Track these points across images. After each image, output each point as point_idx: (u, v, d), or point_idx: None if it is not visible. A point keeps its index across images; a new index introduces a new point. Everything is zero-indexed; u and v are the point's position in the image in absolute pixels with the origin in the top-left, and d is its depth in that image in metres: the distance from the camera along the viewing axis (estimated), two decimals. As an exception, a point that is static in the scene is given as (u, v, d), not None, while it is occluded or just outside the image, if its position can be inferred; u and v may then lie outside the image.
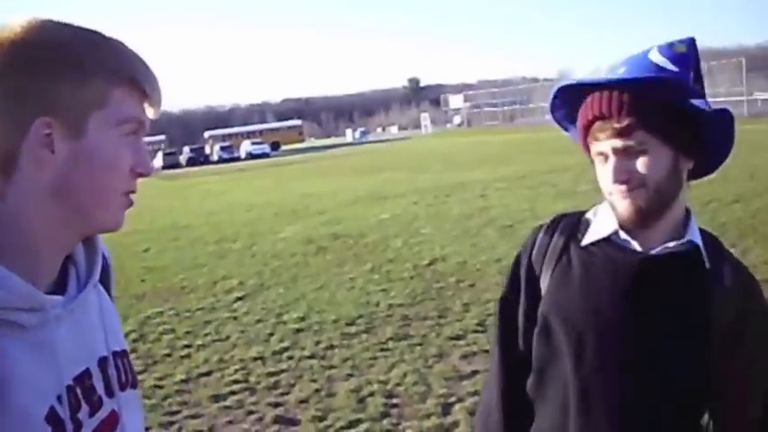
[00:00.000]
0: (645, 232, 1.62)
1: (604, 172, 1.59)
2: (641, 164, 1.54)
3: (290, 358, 6.73)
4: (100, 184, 1.16)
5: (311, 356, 6.70)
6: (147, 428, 5.41)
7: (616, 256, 1.65)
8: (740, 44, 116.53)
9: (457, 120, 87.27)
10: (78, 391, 1.21)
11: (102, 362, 1.29)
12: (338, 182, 26.66)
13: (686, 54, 1.60)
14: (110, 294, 1.42)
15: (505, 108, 76.06)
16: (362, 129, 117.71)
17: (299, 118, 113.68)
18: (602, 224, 1.69)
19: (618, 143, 1.55)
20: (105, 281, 1.39)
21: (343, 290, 9.25)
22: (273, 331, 7.70)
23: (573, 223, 1.77)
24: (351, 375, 6.09)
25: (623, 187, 1.56)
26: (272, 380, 6.19)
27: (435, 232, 12.89)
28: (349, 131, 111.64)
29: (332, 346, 6.95)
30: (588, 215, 1.77)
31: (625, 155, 1.55)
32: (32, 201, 1.12)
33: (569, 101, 1.68)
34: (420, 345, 6.71)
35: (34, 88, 1.09)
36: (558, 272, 1.72)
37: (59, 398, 1.16)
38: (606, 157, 1.58)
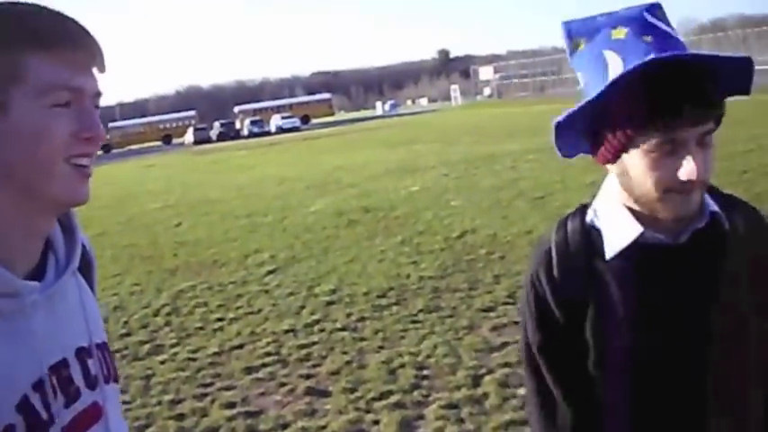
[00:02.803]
0: (670, 223, 1.48)
1: (666, 165, 1.37)
2: (708, 156, 1.39)
3: (322, 330, 6.78)
4: (34, 157, 1.09)
5: (342, 329, 6.75)
6: (179, 401, 5.49)
7: (651, 258, 1.50)
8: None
9: (487, 91, 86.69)
10: (54, 380, 1.17)
11: (81, 352, 1.25)
12: (368, 155, 26.66)
13: (667, 20, 1.46)
14: (92, 288, 1.40)
15: (536, 79, 75.38)
16: (392, 101, 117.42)
17: (328, 91, 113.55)
18: (620, 230, 1.51)
19: (703, 129, 1.36)
20: (88, 275, 1.37)
21: (374, 262, 9.28)
22: (305, 304, 7.75)
23: (582, 236, 1.57)
24: (382, 347, 6.13)
25: (689, 186, 1.38)
26: (304, 352, 6.24)
27: (465, 204, 12.86)
28: (379, 104, 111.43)
29: (363, 319, 6.98)
30: (591, 221, 1.57)
31: (700, 144, 1.37)
32: None
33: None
34: (450, 317, 6.72)
35: None
36: (599, 295, 1.53)
37: (33, 386, 1.12)
38: (675, 148, 1.36)
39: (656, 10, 1.44)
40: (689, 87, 1.32)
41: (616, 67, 1.38)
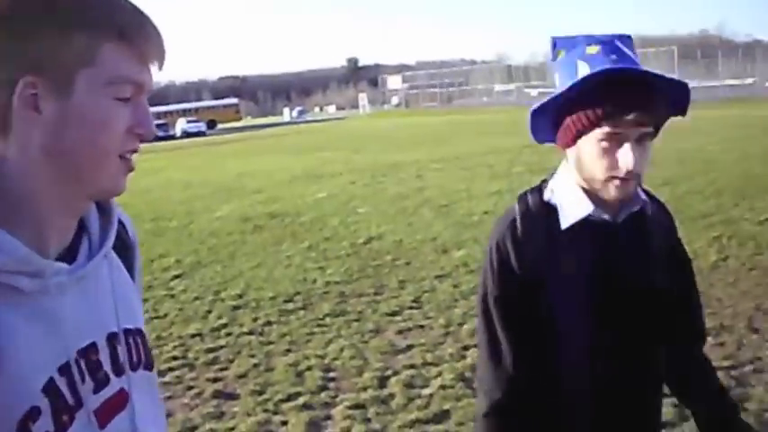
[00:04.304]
0: (611, 204, 1.83)
1: (610, 155, 1.71)
2: (645, 154, 1.73)
3: (229, 335, 6.79)
4: (92, 146, 1.09)
5: (249, 332, 6.77)
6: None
7: (597, 230, 1.83)
8: (672, 32, 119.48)
9: (395, 100, 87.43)
10: (82, 364, 1.14)
11: (112, 337, 1.22)
12: (275, 161, 26.58)
13: (634, 49, 1.80)
14: (132, 273, 1.37)
15: (443, 89, 76.48)
16: (300, 108, 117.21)
17: (235, 96, 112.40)
18: (575, 206, 1.83)
19: (643, 130, 1.70)
20: (129, 258, 1.36)
21: (281, 267, 9.32)
22: (211, 308, 7.73)
23: (542, 210, 1.87)
24: (289, 351, 6.19)
25: (627, 175, 1.71)
26: (211, 356, 6.24)
27: (372, 211, 13.02)
28: (286, 110, 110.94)
29: (269, 323, 7.03)
30: (549, 198, 1.88)
31: (639, 142, 1.71)
32: (28, 161, 1.07)
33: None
34: (357, 321, 6.85)
35: (15, 46, 1.03)
36: (556, 258, 1.82)
37: (60, 369, 1.11)
38: (619, 142, 1.70)
39: (626, 39, 1.79)
40: (637, 95, 1.68)
41: (584, 72, 1.73)
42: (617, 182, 1.73)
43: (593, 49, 1.74)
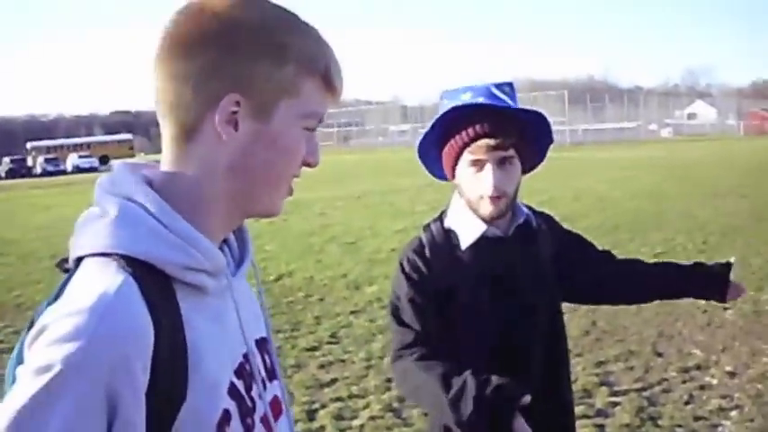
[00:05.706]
0: (499, 221, 2.17)
1: (478, 179, 2.07)
2: (509, 175, 2.07)
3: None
4: (275, 169, 1.15)
5: (167, 370, 6.65)
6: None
7: (492, 245, 2.16)
8: (563, 78, 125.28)
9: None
10: (247, 368, 1.18)
11: (260, 343, 1.28)
12: (174, 198, 26.10)
13: (514, 93, 2.14)
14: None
15: (340, 129, 77.05)
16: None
17: (128, 132, 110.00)
18: (470, 228, 2.16)
19: (501, 154, 2.04)
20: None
21: (192, 305, 9.19)
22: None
23: (444, 235, 2.21)
24: (210, 387, 6.12)
25: (495, 196, 2.06)
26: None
27: (279, 249, 13.02)
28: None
29: (187, 360, 6.92)
30: (449, 226, 2.21)
31: (501, 165, 2.05)
32: (207, 173, 1.12)
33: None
34: (277, 356, 6.81)
35: (231, 65, 1.08)
36: (460, 272, 2.15)
37: (236, 373, 1.15)
38: (482, 166, 2.05)
39: (503, 86, 2.12)
40: (487, 125, 2.02)
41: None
42: (487, 200, 2.06)
43: (467, 96, 2.08)
